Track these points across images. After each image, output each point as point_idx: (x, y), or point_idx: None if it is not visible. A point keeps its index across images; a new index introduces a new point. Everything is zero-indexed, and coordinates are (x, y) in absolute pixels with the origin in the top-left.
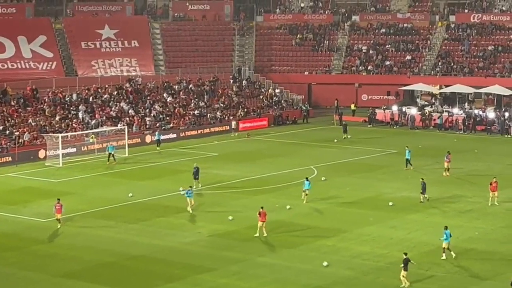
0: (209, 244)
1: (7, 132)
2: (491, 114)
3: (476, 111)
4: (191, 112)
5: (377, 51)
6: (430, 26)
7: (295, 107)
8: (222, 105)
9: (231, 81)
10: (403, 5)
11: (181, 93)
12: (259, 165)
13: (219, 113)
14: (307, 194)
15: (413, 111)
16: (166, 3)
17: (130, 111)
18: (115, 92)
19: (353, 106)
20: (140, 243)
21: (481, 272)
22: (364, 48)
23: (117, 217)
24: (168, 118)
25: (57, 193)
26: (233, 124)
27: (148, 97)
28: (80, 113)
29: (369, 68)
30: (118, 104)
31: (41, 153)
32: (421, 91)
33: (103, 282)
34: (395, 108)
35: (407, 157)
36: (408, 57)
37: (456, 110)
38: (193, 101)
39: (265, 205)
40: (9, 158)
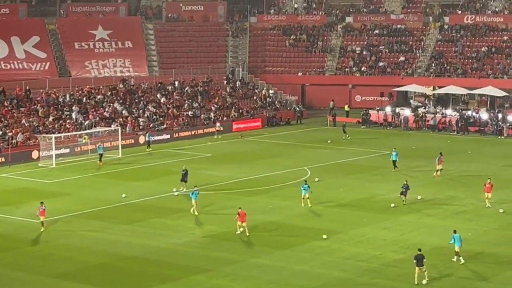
0: (203, 245)
1: (0, 132)
2: (484, 115)
3: (469, 112)
4: (185, 113)
5: (370, 52)
6: (424, 27)
7: (288, 108)
8: (215, 106)
9: (225, 82)
10: (396, 6)
11: (174, 94)
12: (252, 166)
13: (212, 114)
14: (308, 197)
15: (406, 112)
16: (160, 4)
17: (123, 112)
18: (109, 93)
19: (346, 107)
20: (134, 244)
21: (475, 273)
22: (358, 49)
23: (111, 218)
24: (161, 119)
25: (50, 193)
26: (217, 125)
27: (142, 98)
28: (73, 114)
29: (362, 69)
30: (111, 104)
31: (35, 154)
32: (415, 92)
33: (96, 283)
34: (388, 109)
35: (394, 159)
36: (402, 58)
37: (449, 111)
38: (186, 102)
39: (258, 206)
40: (2, 159)
